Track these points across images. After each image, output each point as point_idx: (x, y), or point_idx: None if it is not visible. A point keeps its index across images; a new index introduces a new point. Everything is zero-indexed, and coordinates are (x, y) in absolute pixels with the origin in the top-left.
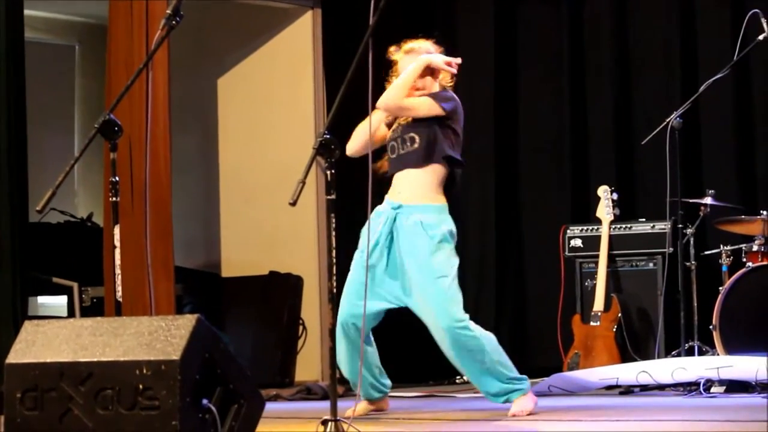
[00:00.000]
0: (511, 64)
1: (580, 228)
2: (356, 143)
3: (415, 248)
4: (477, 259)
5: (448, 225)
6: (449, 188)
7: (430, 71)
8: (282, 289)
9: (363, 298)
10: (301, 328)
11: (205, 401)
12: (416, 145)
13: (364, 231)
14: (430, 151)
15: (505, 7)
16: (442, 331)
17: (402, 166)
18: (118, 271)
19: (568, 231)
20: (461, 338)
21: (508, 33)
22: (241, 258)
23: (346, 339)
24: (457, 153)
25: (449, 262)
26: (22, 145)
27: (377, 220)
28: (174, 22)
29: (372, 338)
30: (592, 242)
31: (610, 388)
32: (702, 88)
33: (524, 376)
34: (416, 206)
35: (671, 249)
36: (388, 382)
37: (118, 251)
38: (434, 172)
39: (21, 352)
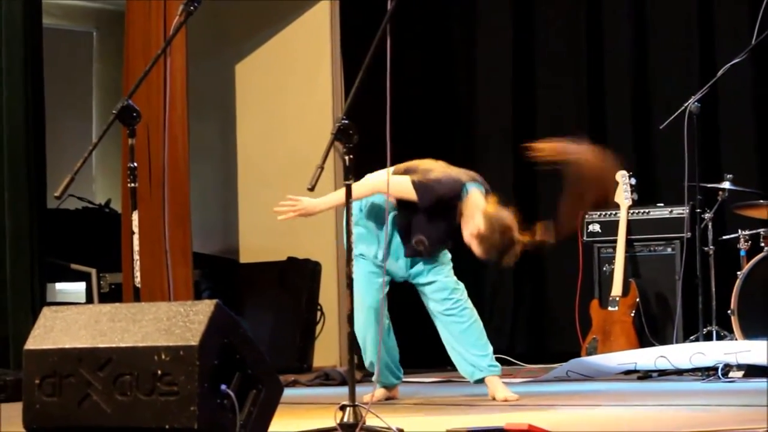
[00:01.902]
0: (528, 46)
1: (599, 213)
2: None
3: None
4: None
5: None
6: None
7: None
8: (300, 275)
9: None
10: (319, 313)
11: (223, 387)
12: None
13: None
14: None
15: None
16: None
17: None
18: (136, 257)
19: (587, 216)
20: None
21: (524, 17)
22: (259, 244)
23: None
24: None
25: None
26: (40, 132)
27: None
28: (192, 8)
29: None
30: (610, 227)
31: (628, 372)
32: (720, 72)
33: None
34: None
35: (689, 234)
36: (401, 370)
37: (136, 237)
38: None
39: (39, 338)
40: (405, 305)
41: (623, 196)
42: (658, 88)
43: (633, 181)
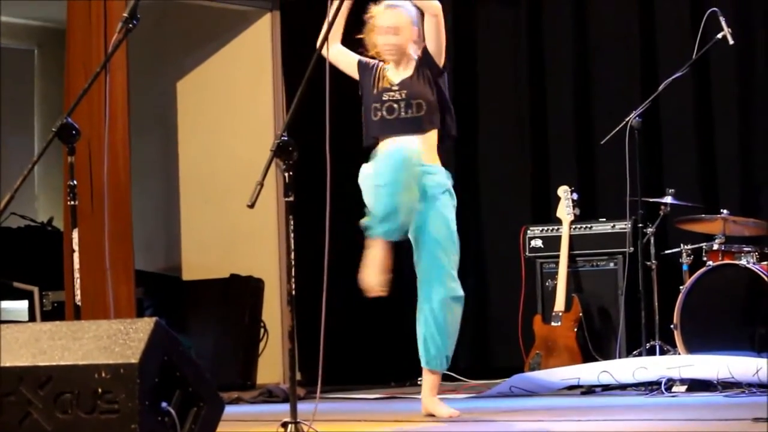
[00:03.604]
0: (470, 64)
1: (541, 228)
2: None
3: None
4: None
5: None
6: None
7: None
8: (243, 292)
9: None
10: (262, 330)
11: (164, 404)
12: (422, 112)
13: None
14: (432, 116)
15: (463, 7)
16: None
17: (400, 131)
18: (77, 275)
19: (529, 231)
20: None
21: (466, 33)
22: (201, 261)
23: None
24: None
25: None
26: None
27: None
28: (131, 25)
29: None
30: (552, 242)
31: (571, 388)
32: (661, 87)
33: None
34: (431, 166)
35: (632, 248)
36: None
37: (76, 255)
38: (434, 136)
39: None
40: (349, 320)
41: (565, 211)
42: (599, 102)
43: (575, 196)
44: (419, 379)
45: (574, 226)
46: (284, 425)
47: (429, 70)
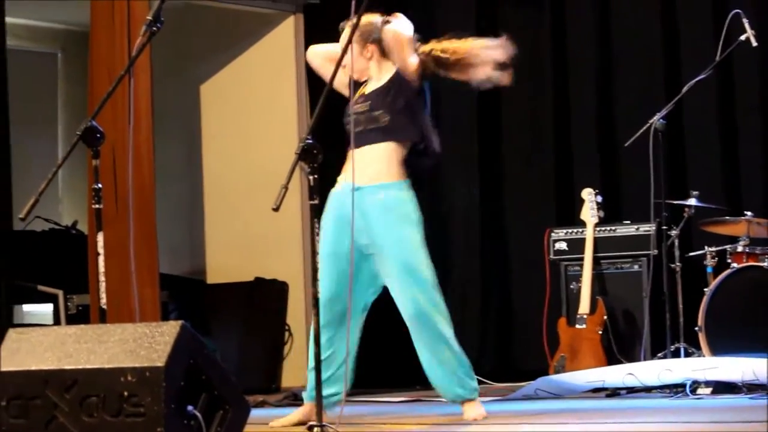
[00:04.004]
0: None
1: (565, 231)
2: (317, 59)
3: (391, 227)
4: (461, 262)
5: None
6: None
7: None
8: (267, 295)
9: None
10: (287, 333)
11: (190, 408)
12: (382, 124)
13: (331, 217)
14: (396, 130)
15: (486, 8)
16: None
17: (362, 143)
18: (102, 278)
19: (553, 234)
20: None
21: (489, 34)
22: (226, 264)
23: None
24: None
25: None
26: (5, 153)
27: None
28: (155, 28)
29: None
30: (576, 245)
31: (596, 390)
32: (685, 89)
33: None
34: (383, 185)
35: (656, 251)
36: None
37: (102, 258)
38: (396, 150)
39: (5, 360)
40: (373, 322)
41: (590, 213)
42: (623, 105)
43: (599, 198)
44: None
45: (598, 229)
46: (310, 428)
47: (402, 85)
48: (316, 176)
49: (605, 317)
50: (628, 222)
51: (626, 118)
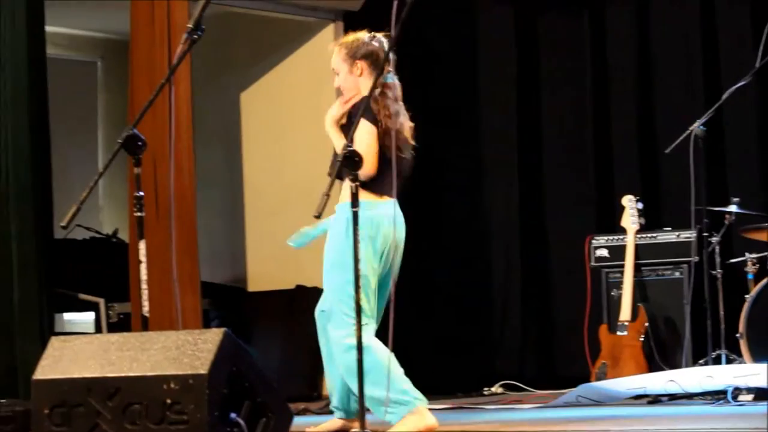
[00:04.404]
0: (533, 74)
1: (606, 238)
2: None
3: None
4: (503, 270)
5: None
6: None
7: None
8: (309, 303)
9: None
10: None
11: (233, 415)
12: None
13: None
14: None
15: (525, 16)
16: None
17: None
18: (144, 286)
19: (594, 241)
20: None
21: (529, 42)
22: (267, 272)
23: None
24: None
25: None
26: (46, 162)
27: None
28: (196, 36)
29: None
30: (617, 252)
31: (638, 397)
32: (725, 95)
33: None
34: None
35: (697, 258)
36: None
37: (144, 266)
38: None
39: (48, 368)
40: (414, 329)
41: (630, 220)
42: (663, 111)
43: (640, 205)
44: (485, 389)
45: (639, 236)
46: None
47: None
48: (357, 183)
49: (646, 324)
50: (669, 229)
51: (666, 125)
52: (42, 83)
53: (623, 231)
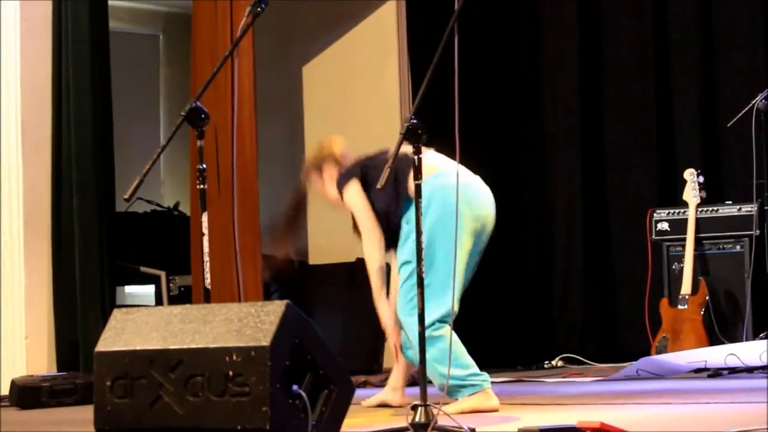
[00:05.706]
0: (595, 48)
1: (667, 211)
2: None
3: None
4: (564, 244)
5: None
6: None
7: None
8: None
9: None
10: None
11: (295, 387)
12: None
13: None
14: None
15: None
16: None
17: None
18: (206, 258)
19: (655, 214)
20: None
21: (591, 15)
22: (328, 245)
23: None
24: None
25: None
26: (107, 135)
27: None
28: (259, 10)
29: None
30: (678, 225)
31: (698, 371)
32: None
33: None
34: None
35: (758, 231)
36: None
37: (206, 239)
38: None
39: (110, 341)
40: (474, 303)
41: (692, 194)
42: (725, 85)
43: (701, 179)
44: (546, 362)
45: (700, 209)
46: (414, 408)
47: None
48: (420, 156)
49: (707, 298)
50: (730, 202)
51: (728, 99)
52: (104, 57)
53: (685, 204)
